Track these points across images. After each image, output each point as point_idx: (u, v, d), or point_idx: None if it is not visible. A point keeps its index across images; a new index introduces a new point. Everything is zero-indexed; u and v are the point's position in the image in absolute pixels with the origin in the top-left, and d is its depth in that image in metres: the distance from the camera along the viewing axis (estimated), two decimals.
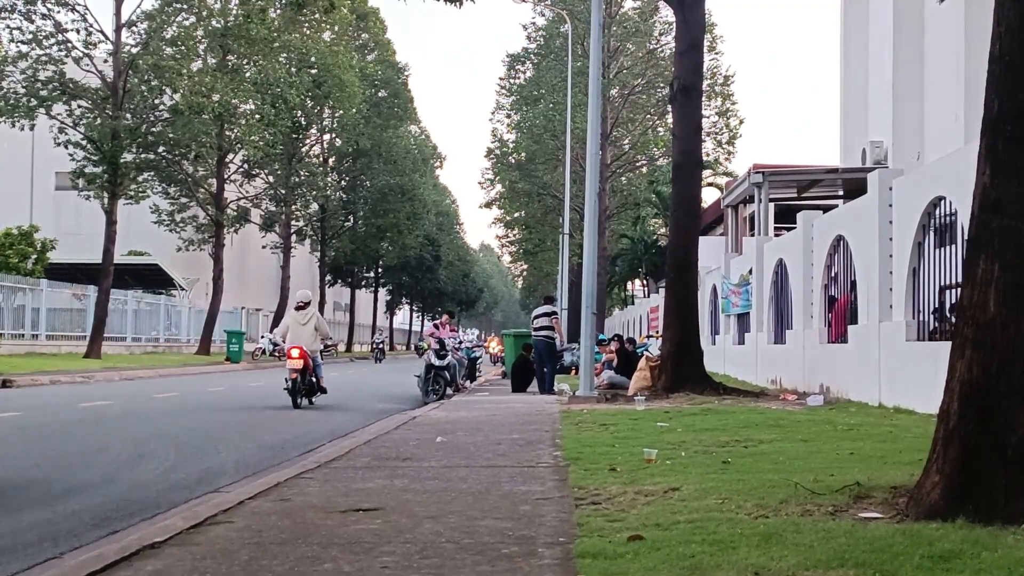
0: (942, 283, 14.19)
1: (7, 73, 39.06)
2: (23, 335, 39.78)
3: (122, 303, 47.87)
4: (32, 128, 40.49)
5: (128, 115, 41.44)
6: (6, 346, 36.42)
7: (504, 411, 16.36)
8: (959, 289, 13.24)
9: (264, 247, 66.48)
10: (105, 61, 42.49)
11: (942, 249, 14.23)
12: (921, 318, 14.82)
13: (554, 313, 23.84)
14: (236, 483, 8.84)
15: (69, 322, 44.77)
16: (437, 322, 24.19)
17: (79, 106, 41.00)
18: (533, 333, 23.59)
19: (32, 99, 39.25)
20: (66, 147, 41.14)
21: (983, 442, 5.82)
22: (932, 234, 14.60)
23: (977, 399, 5.91)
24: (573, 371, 29.63)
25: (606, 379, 23.01)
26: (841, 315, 18.40)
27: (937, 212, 14.39)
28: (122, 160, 41.05)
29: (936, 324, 14.51)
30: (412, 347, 52.83)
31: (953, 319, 13.92)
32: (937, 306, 14.53)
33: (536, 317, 23.69)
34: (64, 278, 45.14)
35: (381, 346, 60.01)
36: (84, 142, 40.98)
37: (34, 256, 43.73)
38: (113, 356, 40.41)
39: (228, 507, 6.86)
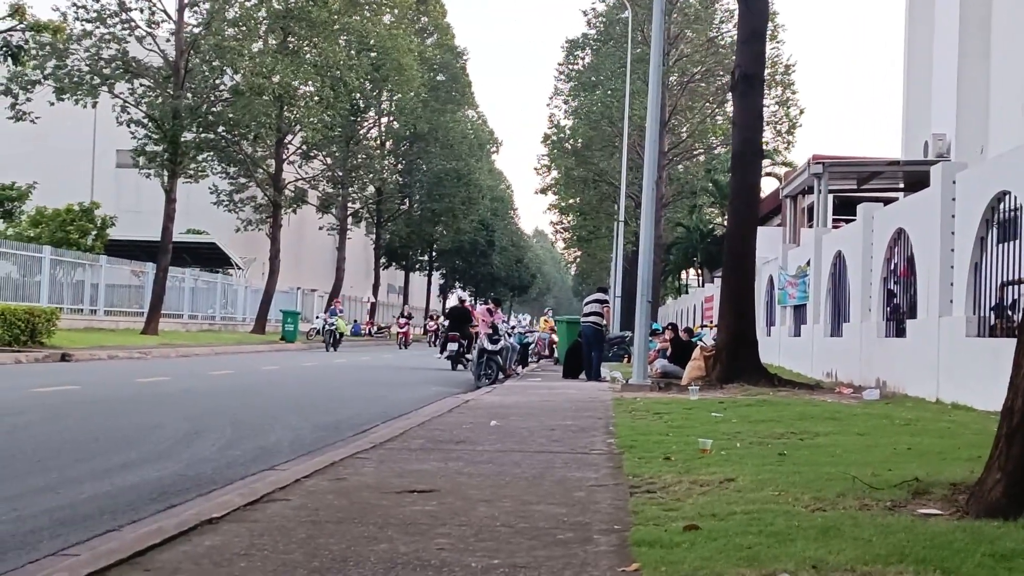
0: (1004, 279, 14.00)
1: (72, 51, 39.50)
2: (82, 310, 40.32)
3: (180, 281, 48.38)
4: (95, 106, 40.97)
5: (189, 94, 41.80)
6: (66, 321, 36.85)
7: (557, 397, 16.37)
8: (1021, 285, 13.08)
9: (320, 228, 66.90)
10: (167, 40, 42.84)
11: (1005, 244, 14.03)
12: (981, 314, 14.63)
13: (605, 301, 23.83)
14: (291, 461, 8.89)
15: (127, 298, 45.33)
16: (489, 307, 24.18)
17: (141, 85, 41.42)
18: (582, 319, 23.65)
19: (95, 77, 39.70)
20: (128, 125, 41.60)
21: None
22: (995, 229, 14.40)
23: None
24: (626, 359, 29.58)
25: (659, 368, 22.92)
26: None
27: (1001, 207, 14.18)
28: (182, 139, 41.41)
29: (996, 320, 14.32)
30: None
31: (1013, 315, 13.74)
32: (997, 302, 14.34)
33: (587, 303, 23.78)
34: (123, 255, 45.64)
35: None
36: (145, 120, 41.41)
37: (94, 232, 44.29)
38: (170, 333, 40.86)
39: (284, 485, 6.90)
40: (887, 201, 23.96)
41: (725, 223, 31.40)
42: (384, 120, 70.43)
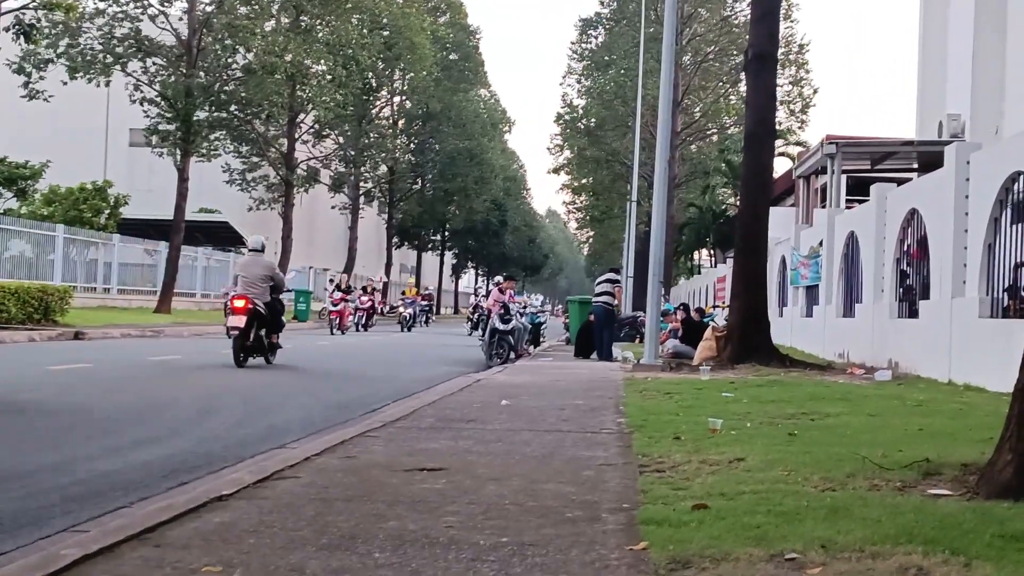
0: (1017, 260, 13.94)
1: (84, 30, 39.47)
2: (95, 288, 40.37)
3: (192, 259, 48.42)
4: (107, 85, 40.95)
5: (202, 73, 41.74)
6: (79, 299, 36.95)
7: (568, 377, 16.37)
8: None
9: (333, 208, 66.82)
10: (180, 19, 42.73)
11: (1018, 225, 13.96)
12: (995, 295, 14.57)
13: (617, 282, 23.84)
14: (302, 440, 8.92)
15: (140, 277, 45.41)
16: (502, 286, 24.18)
17: (154, 64, 41.37)
18: (593, 300, 23.70)
19: (108, 56, 39.67)
20: (141, 104, 41.60)
21: None
22: (1009, 210, 14.33)
23: None
24: (637, 339, 29.58)
25: (671, 348, 22.89)
26: None
27: (1015, 188, 14.10)
28: (195, 118, 41.37)
29: (1009, 302, 14.27)
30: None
31: None
32: (1010, 283, 14.29)
33: (598, 283, 23.80)
34: (136, 234, 45.65)
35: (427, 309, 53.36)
36: (158, 99, 41.39)
37: (107, 211, 44.26)
38: (182, 311, 40.92)
39: (294, 463, 6.91)
40: (901, 182, 23.89)
41: (738, 203, 31.35)
42: (396, 99, 70.20)
